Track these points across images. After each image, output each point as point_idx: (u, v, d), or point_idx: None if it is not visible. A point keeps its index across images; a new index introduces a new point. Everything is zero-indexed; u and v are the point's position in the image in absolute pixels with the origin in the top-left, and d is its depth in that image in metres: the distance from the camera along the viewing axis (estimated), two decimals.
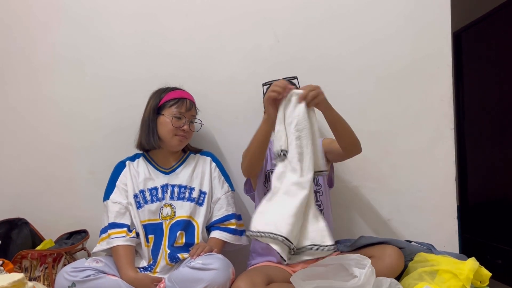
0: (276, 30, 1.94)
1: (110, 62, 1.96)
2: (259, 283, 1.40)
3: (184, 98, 1.68)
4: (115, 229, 1.60)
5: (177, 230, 1.62)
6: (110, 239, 1.58)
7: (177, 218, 1.64)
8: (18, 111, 1.97)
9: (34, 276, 1.62)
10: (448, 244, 1.84)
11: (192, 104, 1.70)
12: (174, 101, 1.66)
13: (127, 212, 1.64)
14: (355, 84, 1.90)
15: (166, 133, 1.65)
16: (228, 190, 1.74)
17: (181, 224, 1.63)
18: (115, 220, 1.62)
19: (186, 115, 1.66)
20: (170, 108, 1.65)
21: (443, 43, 1.89)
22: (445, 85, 1.89)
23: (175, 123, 1.64)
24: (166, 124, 1.64)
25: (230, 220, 1.69)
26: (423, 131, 1.89)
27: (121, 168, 1.72)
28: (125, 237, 1.59)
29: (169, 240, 1.61)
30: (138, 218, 1.62)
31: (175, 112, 1.64)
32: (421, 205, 1.89)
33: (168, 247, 1.60)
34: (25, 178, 1.96)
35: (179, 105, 1.65)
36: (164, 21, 1.95)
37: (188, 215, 1.64)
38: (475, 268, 1.39)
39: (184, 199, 1.67)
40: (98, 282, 1.42)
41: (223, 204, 1.70)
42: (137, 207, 1.64)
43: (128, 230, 1.61)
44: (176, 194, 1.67)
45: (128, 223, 1.62)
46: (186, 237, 1.62)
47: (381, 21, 1.92)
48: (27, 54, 1.97)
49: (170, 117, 1.64)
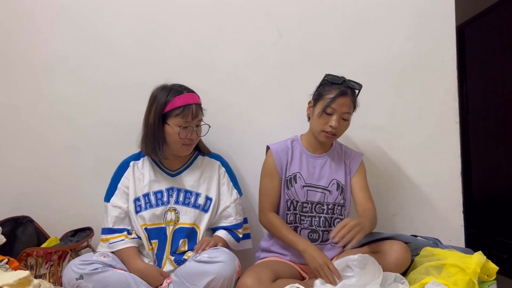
0: (279, 25, 1.93)
1: (113, 58, 1.95)
2: (266, 279, 1.40)
3: (189, 105, 1.56)
4: (113, 234, 1.59)
5: (180, 238, 1.60)
6: (110, 243, 1.58)
7: (180, 224, 1.61)
8: (22, 110, 1.97)
9: (40, 273, 1.63)
10: (453, 239, 1.83)
11: (198, 109, 1.60)
12: (179, 110, 1.55)
13: (126, 216, 1.63)
14: (359, 78, 1.87)
15: (173, 144, 1.59)
16: (237, 197, 1.70)
17: (184, 231, 1.60)
18: (114, 226, 1.60)
19: (193, 123, 1.58)
20: (176, 118, 1.55)
21: (447, 36, 1.88)
22: (450, 78, 1.88)
23: (182, 134, 1.56)
24: (173, 134, 1.56)
25: (238, 230, 1.68)
26: (427, 125, 1.88)
27: (124, 169, 1.68)
28: (124, 240, 1.58)
29: (172, 247, 1.59)
30: (137, 223, 1.60)
31: (181, 123, 1.55)
32: (426, 199, 1.88)
33: (171, 254, 1.58)
34: (29, 176, 1.96)
35: (185, 114, 1.55)
36: (167, 17, 1.95)
37: (192, 223, 1.62)
38: (482, 262, 1.38)
39: (189, 205, 1.63)
40: (105, 275, 1.42)
41: (232, 212, 1.67)
42: (136, 212, 1.61)
43: (128, 233, 1.60)
44: (182, 199, 1.64)
45: (127, 227, 1.61)
46: (189, 244, 1.60)
47: (385, 16, 1.91)
48: (29, 53, 1.97)
49: (177, 128, 1.55)
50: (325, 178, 1.64)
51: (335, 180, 1.64)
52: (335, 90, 1.55)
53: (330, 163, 1.66)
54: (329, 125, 1.55)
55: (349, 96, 1.56)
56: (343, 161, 1.68)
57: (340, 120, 1.55)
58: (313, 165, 1.65)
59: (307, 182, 1.63)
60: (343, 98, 1.54)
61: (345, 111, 1.55)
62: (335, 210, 1.63)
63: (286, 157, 1.65)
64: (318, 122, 1.58)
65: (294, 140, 1.70)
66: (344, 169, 1.66)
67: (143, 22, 1.95)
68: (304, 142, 1.69)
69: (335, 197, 1.63)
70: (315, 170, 1.65)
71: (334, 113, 1.54)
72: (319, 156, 1.67)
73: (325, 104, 1.54)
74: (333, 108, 1.54)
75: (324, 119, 1.56)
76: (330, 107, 1.54)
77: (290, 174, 1.64)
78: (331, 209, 1.63)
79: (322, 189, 1.63)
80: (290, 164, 1.65)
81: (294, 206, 1.62)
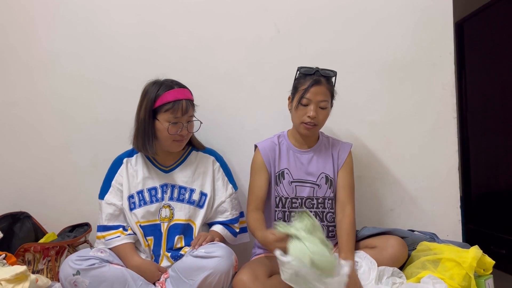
0: (277, 21, 1.92)
1: (110, 55, 1.95)
2: (261, 275, 1.41)
3: (179, 100, 1.55)
4: (109, 231, 1.59)
5: (175, 234, 1.59)
6: (106, 240, 1.58)
7: (176, 221, 1.61)
8: (19, 106, 1.97)
9: (37, 269, 1.63)
10: (451, 234, 1.83)
11: (189, 104, 1.57)
12: (169, 105, 1.53)
13: (121, 213, 1.62)
14: (357, 73, 1.89)
15: (163, 140, 1.58)
16: (232, 192, 1.70)
17: (180, 227, 1.60)
18: (108, 223, 1.60)
19: (183, 119, 1.57)
20: (166, 113, 1.54)
21: (445, 31, 1.88)
22: (448, 73, 1.87)
23: (171, 130, 1.55)
24: (162, 130, 1.55)
25: (234, 224, 1.68)
26: (425, 120, 1.88)
27: (118, 166, 1.67)
28: (120, 236, 1.58)
29: (168, 243, 1.59)
30: (132, 220, 1.60)
31: (171, 118, 1.54)
32: (424, 194, 1.88)
33: (167, 250, 1.58)
34: (27, 173, 1.96)
35: (175, 110, 1.53)
36: (164, 14, 1.94)
37: (187, 219, 1.61)
38: (478, 256, 1.39)
39: (184, 201, 1.63)
40: (102, 270, 1.42)
41: (227, 207, 1.67)
42: (130, 209, 1.61)
43: (124, 229, 1.60)
44: (176, 195, 1.63)
45: (123, 224, 1.61)
46: (185, 240, 1.60)
47: (383, 11, 1.90)
48: (26, 50, 1.97)
49: (166, 124, 1.54)
50: (313, 173, 1.63)
51: (324, 173, 1.63)
52: (309, 81, 1.55)
53: (317, 157, 1.65)
54: (307, 116, 1.54)
55: (323, 84, 1.56)
56: (330, 153, 1.67)
57: (317, 110, 1.55)
58: (300, 160, 1.65)
59: (294, 177, 1.62)
60: (316, 87, 1.54)
61: (321, 99, 1.55)
62: (325, 204, 1.62)
63: (274, 153, 1.64)
64: (296, 115, 1.58)
65: (280, 136, 1.69)
66: (332, 162, 1.65)
67: (140, 19, 1.95)
68: (290, 138, 1.68)
69: (324, 191, 1.62)
70: (302, 165, 1.64)
71: (310, 103, 1.54)
72: (306, 151, 1.66)
73: (300, 96, 1.55)
74: (308, 98, 1.54)
75: (301, 110, 1.56)
76: (305, 98, 1.54)
77: (278, 171, 1.63)
78: (321, 203, 1.62)
79: (310, 184, 1.62)
80: (279, 161, 1.64)
81: (283, 203, 1.61)
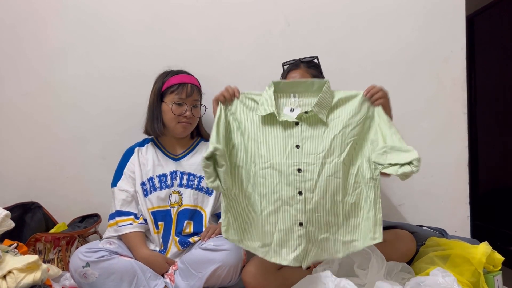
0: (286, 14, 1.92)
1: (120, 46, 1.95)
2: (271, 267, 1.41)
3: (185, 83, 1.63)
4: (121, 217, 1.61)
5: (184, 219, 1.62)
6: (118, 227, 1.60)
7: (184, 206, 1.64)
8: (30, 98, 1.97)
9: (48, 258, 1.65)
10: (459, 230, 1.84)
11: (194, 88, 1.65)
12: (175, 87, 1.63)
13: (133, 200, 1.64)
14: (367, 68, 1.88)
15: (169, 121, 1.64)
16: None
17: (187, 213, 1.62)
18: (121, 208, 1.62)
19: (188, 101, 1.63)
20: (171, 94, 1.63)
21: (457, 26, 1.87)
22: (459, 68, 1.86)
23: (176, 110, 1.62)
24: (168, 111, 1.63)
25: None
26: (435, 115, 1.87)
27: (130, 155, 1.71)
28: (132, 224, 1.59)
29: (177, 228, 1.61)
30: (145, 206, 1.62)
31: (175, 99, 1.62)
32: (432, 190, 1.88)
33: (176, 234, 1.60)
34: (38, 163, 1.97)
35: (180, 91, 1.62)
36: (174, 6, 1.94)
37: (194, 204, 1.64)
38: (487, 252, 1.38)
39: (193, 187, 1.66)
40: (111, 263, 1.43)
41: None
42: (144, 195, 1.64)
43: (135, 217, 1.61)
44: (185, 182, 1.66)
45: (134, 211, 1.63)
46: (194, 226, 1.62)
47: (393, 5, 1.89)
48: (37, 42, 1.97)
49: (171, 105, 1.62)
50: None
51: None
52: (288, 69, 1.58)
53: None
54: None
55: (301, 68, 1.58)
56: None
57: None
58: None
59: None
60: (293, 71, 1.57)
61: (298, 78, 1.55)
62: None
63: None
64: None
65: None
66: None
67: (150, 10, 1.95)
68: None
69: None
70: None
71: None
72: None
73: None
74: None
75: None
76: None
77: None
78: None
79: None
80: None
81: None
